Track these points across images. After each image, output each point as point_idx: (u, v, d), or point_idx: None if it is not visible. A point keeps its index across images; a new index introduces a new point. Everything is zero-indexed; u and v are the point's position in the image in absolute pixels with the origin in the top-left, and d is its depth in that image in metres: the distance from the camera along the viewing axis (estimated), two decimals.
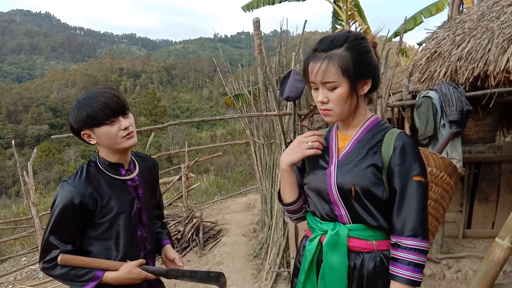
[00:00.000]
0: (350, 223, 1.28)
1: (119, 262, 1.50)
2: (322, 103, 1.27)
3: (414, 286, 1.19)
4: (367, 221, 1.25)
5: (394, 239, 1.22)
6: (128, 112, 1.51)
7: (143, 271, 1.52)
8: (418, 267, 1.18)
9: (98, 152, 1.56)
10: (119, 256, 1.51)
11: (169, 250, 1.70)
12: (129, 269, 1.48)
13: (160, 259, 1.75)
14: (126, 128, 1.47)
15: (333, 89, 1.24)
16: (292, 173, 1.39)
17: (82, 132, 1.48)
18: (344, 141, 1.34)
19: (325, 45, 1.24)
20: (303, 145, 1.33)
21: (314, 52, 1.26)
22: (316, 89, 1.29)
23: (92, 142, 1.50)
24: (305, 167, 1.44)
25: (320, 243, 1.32)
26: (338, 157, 1.32)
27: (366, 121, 1.32)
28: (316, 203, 1.35)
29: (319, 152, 1.33)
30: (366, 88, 1.28)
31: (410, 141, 1.25)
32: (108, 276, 1.46)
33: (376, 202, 1.24)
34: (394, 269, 1.20)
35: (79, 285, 1.45)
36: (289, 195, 1.42)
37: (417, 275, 1.18)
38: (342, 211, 1.28)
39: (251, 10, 9.53)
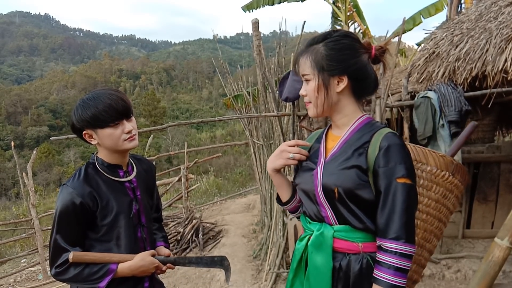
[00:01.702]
0: (336, 224, 1.27)
1: (129, 254, 1.51)
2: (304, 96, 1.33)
3: None
4: (352, 223, 1.24)
5: (378, 242, 1.20)
6: (132, 115, 1.52)
7: (155, 259, 1.55)
8: (400, 271, 1.15)
9: (96, 153, 1.57)
10: None
11: (160, 250, 1.70)
12: (142, 257, 1.51)
13: None
14: (129, 132, 1.48)
15: (308, 82, 1.29)
16: (279, 176, 1.43)
17: (84, 132, 1.48)
18: (334, 141, 1.33)
19: (310, 41, 1.30)
20: (285, 154, 1.35)
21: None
22: None
23: (92, 143, 1.50)
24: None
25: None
26: (325, 158, 1.31)
27: (355, 121, 1.30)
28: (305, 203, 1.37)
29: (303, 158, 1.36)
30: (342, 85, 1.26)
31: (397, 141, 1.21)
32: (122, 267, 1.47)
33: (361, 204, 1.22)
34: (377, 272, 1.19)
35: (94, 283, 1.45)
36: (283, 194, 1.47)
37: (399, 280, 1.15)
38: (328, 213, 1.28)
39: (251, 10, 9.59)
